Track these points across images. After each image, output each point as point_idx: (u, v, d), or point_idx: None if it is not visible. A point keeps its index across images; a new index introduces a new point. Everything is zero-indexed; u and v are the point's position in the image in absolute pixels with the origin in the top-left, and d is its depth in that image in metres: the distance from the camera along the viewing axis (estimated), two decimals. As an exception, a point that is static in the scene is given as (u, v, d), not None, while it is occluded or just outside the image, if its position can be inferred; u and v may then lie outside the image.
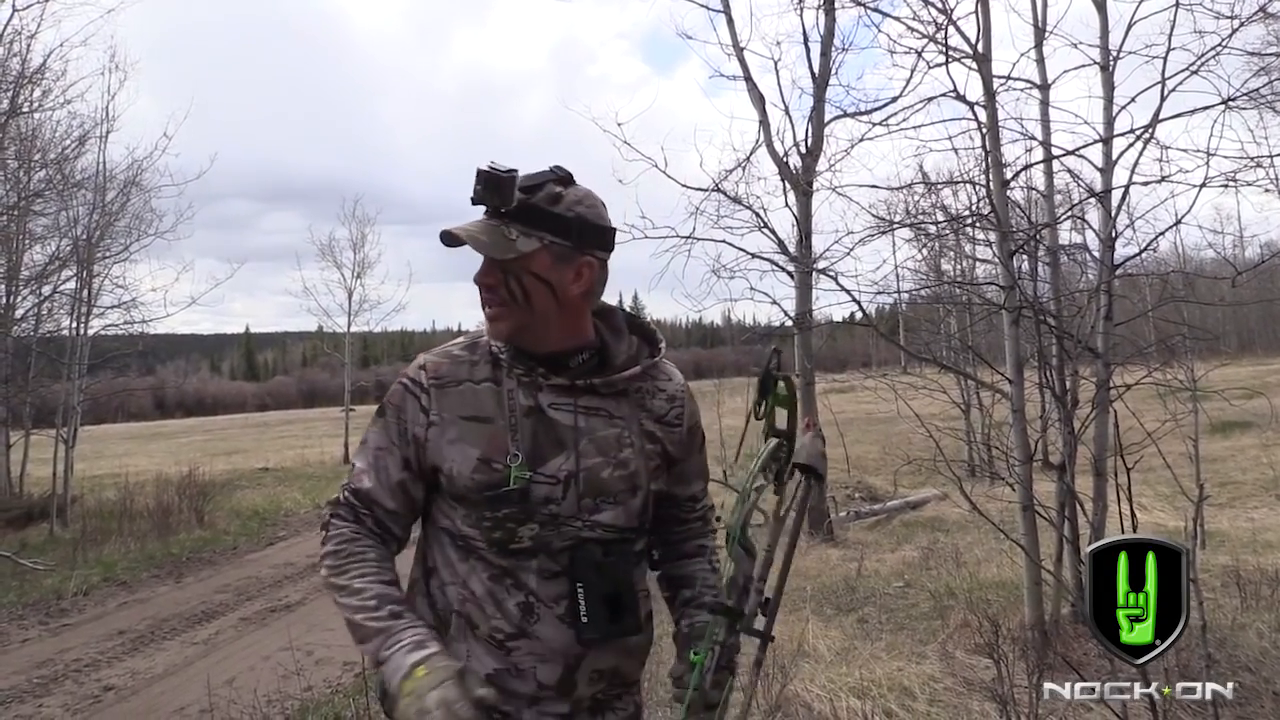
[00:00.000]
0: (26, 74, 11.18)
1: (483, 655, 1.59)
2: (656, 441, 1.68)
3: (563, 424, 1.60)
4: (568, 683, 1.59)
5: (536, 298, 1.56)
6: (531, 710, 1.59)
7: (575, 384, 1.60)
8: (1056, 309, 5.53)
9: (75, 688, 5.71)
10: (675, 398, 1.73)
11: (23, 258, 14.58)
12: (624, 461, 1.63)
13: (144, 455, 27.14)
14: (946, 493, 11.19)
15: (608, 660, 1.62)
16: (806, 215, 9.52)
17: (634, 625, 1.60)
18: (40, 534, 12.38)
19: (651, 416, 1.68)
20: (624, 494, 1.63)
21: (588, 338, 1.65)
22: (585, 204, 1.58)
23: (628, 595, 1.60)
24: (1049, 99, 5.79)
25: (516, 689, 1.58)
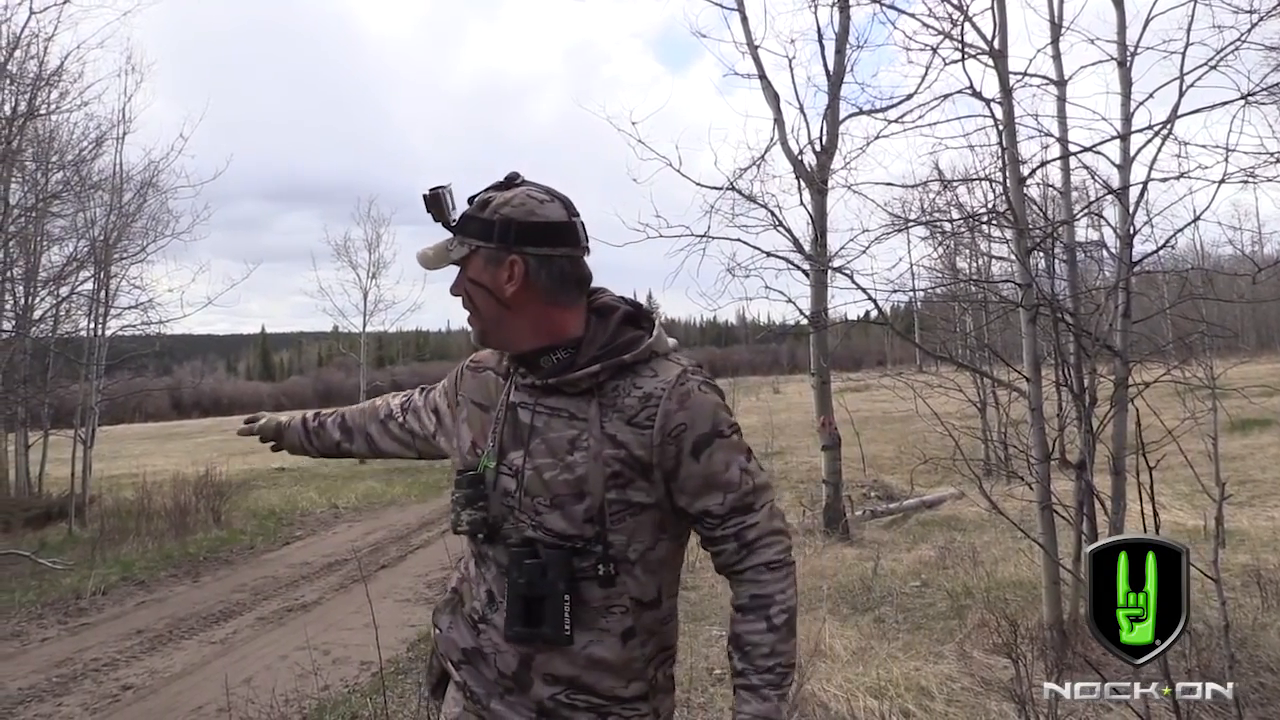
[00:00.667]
0: (44, 76, 11.26)
1: (463, 630, 1.72)
2: (619, 446, 1.58)
3: (523, 422, 1.65)
4: (524, 678, 1.63)
5: (479, 301, 1.64)
6: (502, 702, 1.65)
7: (536, 384, 1.63)
8: (1074, 306, 5.50)
9: (94, 687, 5.75)
10: (650, 397, 1.59)
11: (41, 259, 14.69)
12: (571, 465, 1.58)
13: (161, 455, 27.30)
14: (963, 491, 11.14)
15: (561, 666, 1.61)
16: (822, 213, 9.50)
17: (554, 635, 1.56)
18: (59, 533, 12.47)
19: (622, 417, 1.59)
20: (568, 499, 1.58)
21: (563, 336, 1.64)
22: (513, 204, 1.60)
23: (550, 601, 1.56)
24: (1066, 95, 5.74)
25: (484, 672, 1.67)
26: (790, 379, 42.58)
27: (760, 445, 17.67)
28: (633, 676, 1.64)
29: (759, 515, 1.64)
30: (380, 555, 10.10)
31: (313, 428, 2.18)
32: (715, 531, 1.64)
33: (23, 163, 12.40)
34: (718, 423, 1.62)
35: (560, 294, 1.63)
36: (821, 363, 9.90)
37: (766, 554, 1.63)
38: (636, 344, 1.63)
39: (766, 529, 1.65)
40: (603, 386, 1.60)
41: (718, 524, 1.64)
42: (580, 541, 1.58)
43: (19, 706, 5.40)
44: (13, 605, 7.96)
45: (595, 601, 1.59)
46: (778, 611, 1.61)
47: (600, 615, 1.60)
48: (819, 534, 9.38)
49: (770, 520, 1.66)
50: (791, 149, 9.65)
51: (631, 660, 1.63)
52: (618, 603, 1.61)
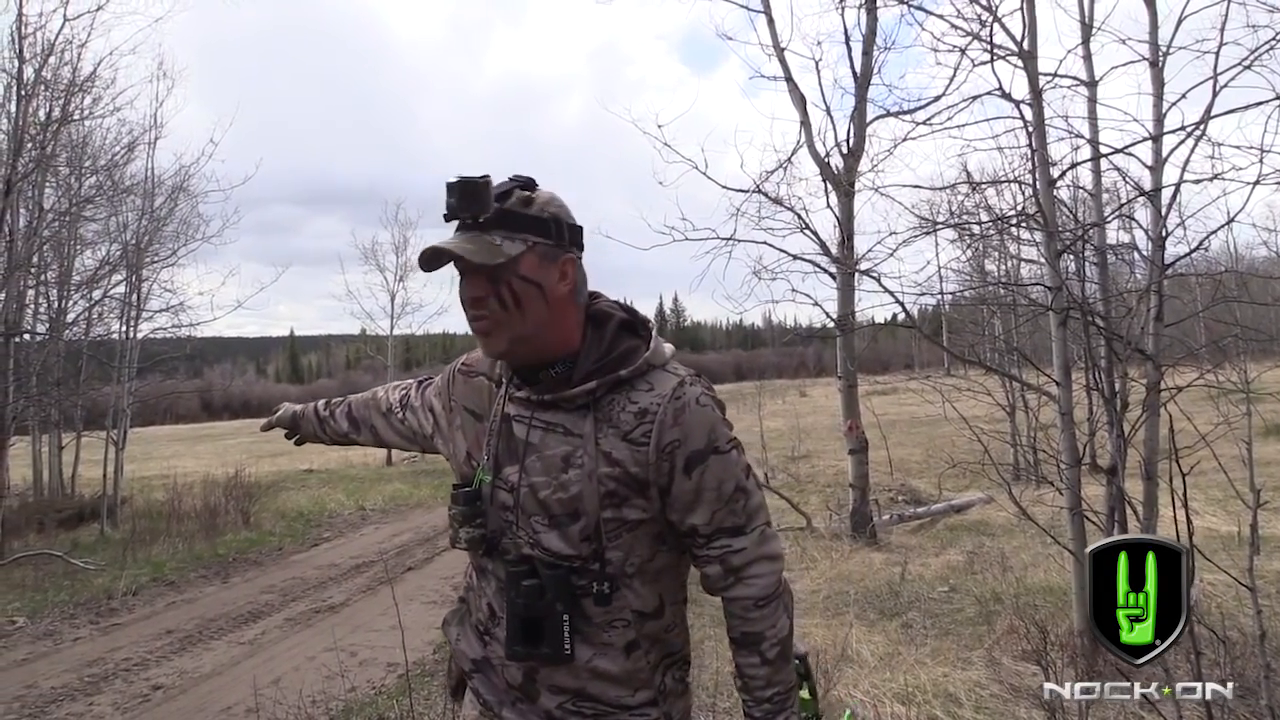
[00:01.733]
0: (77, 82, 11.39)
1: (471, 640, 1.73)
2: (615, 463, 1.52)
3: (518, 437, 1.61)
4: (530, 689, 1.62)
5: (527, 302, 1.53)
6: (513, 710, 1.65)
7: (531, 398, 1.59)
8: (1105, 310, 5.44)
9: (125, 686, 5.80)
10: (646, 412, 1.53)
11: (74, 263, 14.89)
12: (565, 483, 1.54)
13: (191, 457, 27.56)
14: (992, 496, 11.06)
15: (565, 680, 1.60)
16: (849, 216, 9.47)
17: (554, 655, 1.55)
18: (91, 534, 12.62)
19: (618, 433, 1.53)
20: (563, 518, 1.54)
21: (571, 346, 1.59)
22: (555, 204, 1.58)
23: (549, 622, 1.54)
24: (1096, 96, 5.70)
25: (494, 681, 1.67)
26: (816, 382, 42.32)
27: (786, 448, 17.66)
28: (639, 685, 1.62)
29: (748, 539, 1.59)
30: (407, 557, 10.14)
31: (324, 416, 2.17)
32: (701, 550, 1.60)
33: (57, 168, 12.57)
34: (714, 439, 1.56)
35: (582, 297, 1.62)
36: (848, 366, 9.86)
37: (754, 586, 1.59)
38: (633, 357, 1.57)
39: (755, 555, 1.59)
40: (599, 401, 1.55)
41: (704, 542, 1.59)
42: (578, 560, 1.55)
43: (51, 705, 5.46)
44: (46, 605, 8.06)
45: (596, 618, 1.57)
46: (769, 646, 1.60)
47: (602, 630, 1.58)
48: (846, 538, 9.34)
49: (760, 545, 1.60)
50: (818, 151, 9.63)
51: (636, 671, 1.61)
52: (619, 617, 1.58)
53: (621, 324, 1.64)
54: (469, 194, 1.50)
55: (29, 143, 10.76)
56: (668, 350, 1.63)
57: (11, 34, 10.30)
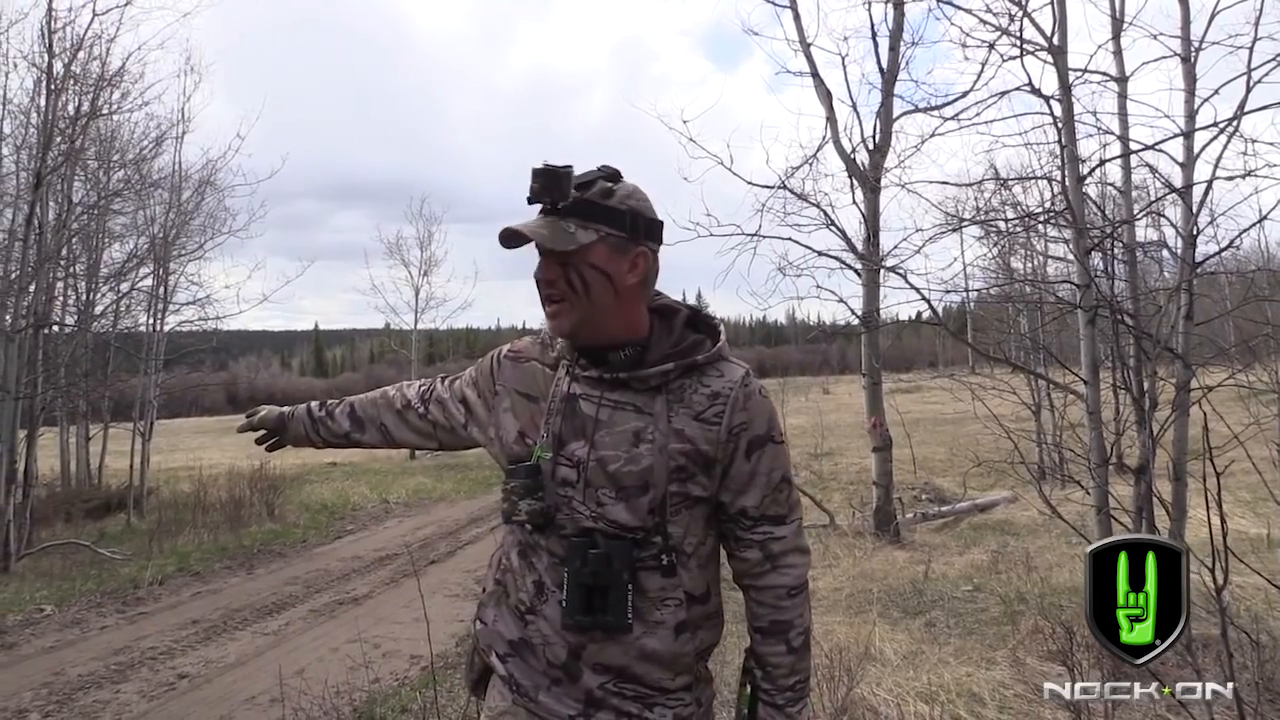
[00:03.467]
0: (106, 77, 11.48)
1: (509, 621, 1.74)
2: (686, 440, 1.61)
3: (586, 414, 1.66)
4: (573, 668, 1.65)
5: (596, 289, 1.61)
6: (549, 694, 1.67)
7: (603, 377, 1.65)
8: (1134, 308, 5.39)
9: (151, 675, 5.85)
10: (719, 395, 1.63)
11: (102, 255, 15.04)
12: (637, 456, 1.60)
13: (216, 449, 27.76)
14: (1017, 495, 10.98)
15: (612, 656, 1.63)
16: (874, 212, 9.41)
17: (617, 623, 1.59)
18: (118, 524, 12.75)
19: (690, 413, 1.62)
20: (633, 490, 1.60)
21: (640, 332, 1.68)
22: (636, 198, 1.64)
23: (615, 590, 1.58)
24: (1127, 92, 5.63)
25: (532, 663, 1.69)
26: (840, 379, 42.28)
27: (810, 446, 17.59)
28: (681, 670, 1.66)
29: (787, 529, 1.70)
30: (430, 550, 10.19)
31: (319, 417, 2.07)
32: (745, 534, 1.68)
33: (85, 162, 12.68)
34: (771, 428, 1.67)
35: (650, 290, 1.70)
36: (873, 363, 9.81)
37: (788, 576, 1.68)
38: (703, 347, 1.67)
39: (792, 545, 1.69)
40: (670, 384, 1.63)
41: (750, 525, 1.67)
42: (641, 533, 1.60)
43: (79, 692, 5.52)
44: (73, 593, 8.15)
45: (653, 592, 1.62)
46: (796, 635, 1.68)
47: (655, 607, 1.62)
48: (869, 536, 9.29)
49: (797, 537, 1.71)
50: (844, 147, 9.58)
51: (682, 654, 1.65)
52: (673, 595, 1.63)
53: (687, 319, 1.74)
54: (550, 181, 1.59)
55: (58, 136, 10.85)
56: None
57: (41, 28, 10.39)
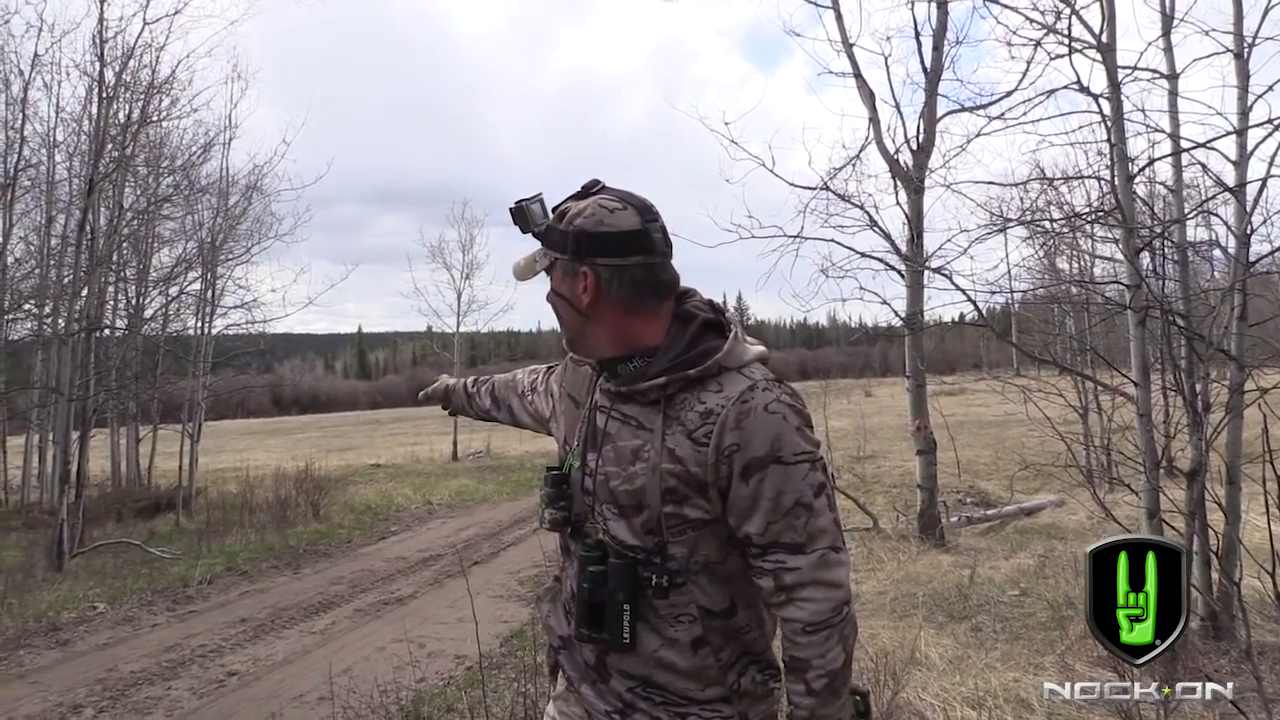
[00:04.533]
0: (155, 84, 11.70)
1: (560, 617, 1.76)
2: (677, 460, 1.53)
3: (598, 426, 1.66)
4: (602, 671, 1.66)
5: (560, 310, 1.66)
6: (592, 689, 1.69)
7: (612, 390, 1.65)
8: (1185, 309, 5.29)
9: (201, 672, 5.95)
10: (711, 414, 1.52)
11: (151, 260, 15.32)
12: (632, 476, 1.57)
13: (262, 450, 28.14)
14: (1064, 499, 10.83)
15: (632, 666, 1.62)
16: (918, 213, 9.33)
17: (612, 641, 1.58)
18: (167, 524, 12.97)
19: (683, 431, 1.53)
20: (629, 509, 1.58)
21: (641, 344, 1.61)
22: (585, 215, 1.58)
23: (610, 609, 1.57)
24: (1177, 89, 5.54)
25: (575, 659, 1.72)
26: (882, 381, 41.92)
27: (852, 448, 17.48)
28: (709, 682, 1.60)
29: (805, 560, 1.51)
30: (473, 552, 10.25)
31: (471, 393, 2.32)
32: (756, 561, 1.55)
33: (136, 168, 12.92)
34: (777, 447, 1.50)
35: (636, 303, 1.59)
36: (917, 365, 9.72)
37: (805, 610, 1.51)
38: (706, 357, 1.56)
39: (809, 577, 1.51)
40: (671, 398, 1.56)
41: (759, 553, 1.54)
42: (642, 552, 1.57)
43: (131, 688, 5.62)
44: (125, 591, 8.30)
45: (661, 609, 1.58)
46: (815, 677, 1.52)
47: (668, 624, 1.58)
48: (913, 539, 9.21)
49: (818, 570, 1.52)
50: (887, 148, 9.50)
51: (705, 667, 1.59)
52: (684, 612, 1.58)
53: (705, 324, 1.62)
54: (515, 217, 1.67)
55: (110, 144, 11.08)
56: (752, 352, 1.60)
57: (93, 38, 10.60)
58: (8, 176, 12.82)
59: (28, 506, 14.16)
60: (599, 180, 1.65)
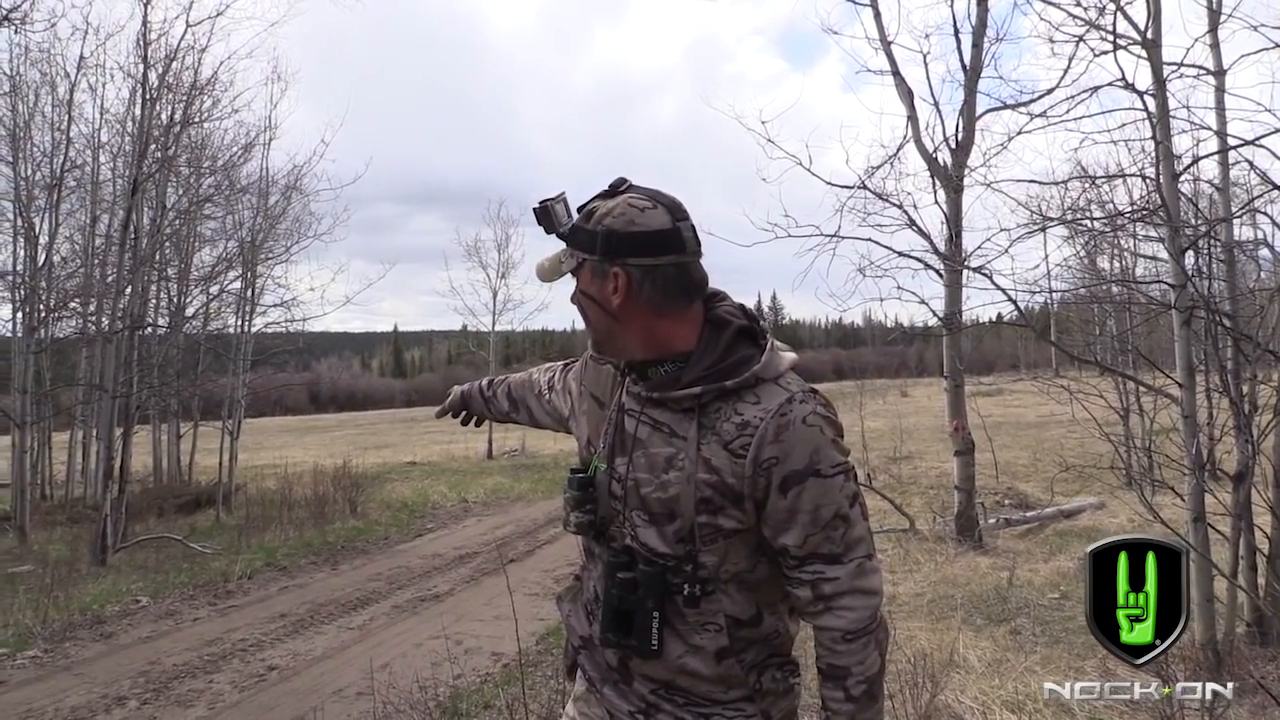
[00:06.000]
0: (198, 86, 11.86)
1: (581, 617, 1.76)
2: (713, 471, 1.51)
3: (628, 430, 1.63)
4: (625, 674, 1.66)
5: (589, 312, 1.62)
6: (614, 689, 1.68)
7: (642, 394, 1.61)
8: (1232, 309, 5.21)
9: (242, 666, 6.03)
10: (748, 425, 1.50)
11: (193, 259, 15.53)
12: (665, 484, 1.55)
13: (300, 448, 28.41)
14: (1104, 501, 10.69)
15: (655, 671, 1.62)
16: (957, 212, 9.25)
17: (641, 647, 1.57)
18: (207, 519, 13.16)
19: (719, 442, 1.52)
20: (661, 517, 1.56)
21: (674, 348, 1.58)
22: (614, 214, 1.55)
23: (639, 618, 1.56)
24: (1224, 85, 5.44)
25: (597, 660, 1.71)
26: (918, 382, 41.54)
27: (888, 449, 17.36)
28: (731, 685, 1.60)
29: (843, 569, 1.53)
30: (508, 550, 10.29)
31: (488, 396, 2.30)
32: (793, 572, 1.55)
33: (178, 168, 13.09)
34: (816, 460, 1.50)
35: (667, 304, 1.57)
36: (956, 365, 9.64)
37: (844, 619, 1.52)
38: (743, 367, 1.54)
39: (848, 586, 1.53)
40: (705, 407, 1.54)
41: (796, 565, 1.54)
42: (672, 560, 1.56)
43: (174, 681, 5.71)
44: (167, 586, 8.43)
45: (689, 617, 1.57)
46: (855, 683, 1.53)
47: (694, 631, 1.58)
48: (950, 541, 9.13)
49: (856, 578, 1.53)
50: (926, 146, 9.43)
51: (729, 674, 1.59)
52: (712, 621, 1.57)
53: (739, 331, 1.60)
54: (540, 217, 1.62)
55: (153, 144, 11.23)
56: (786, 361, 1.59)
57: (137, 40, 10.76)
58: (54, 177, 13.06)
59: (72, 502, 14.43)
60: (626, 178, 1.62)
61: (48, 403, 14.35)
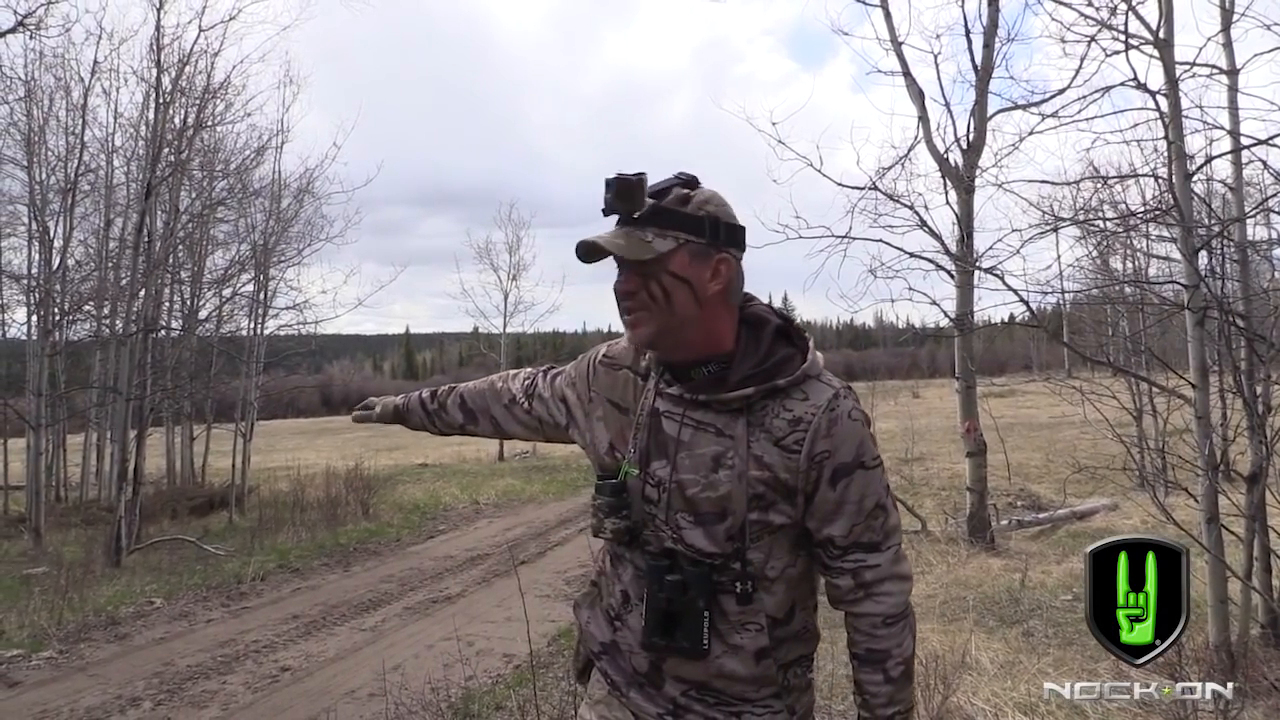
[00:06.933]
0: (210, 90, 11.92)
1: (601, 623, 1.76)
2: (765, 468, 1.54)
3: (668, 433, 1.62)
4: (655, 678, 1.65)
5: (677, 298, 1.56)
6: (640, 693, 1.68)
7: (684, 396, 1.60)
8: (1246, 309, 5.18)
9: (255, 667, 6.05)
10: (801, 421, 1.54)
11: (206, 262, 15.61)
12: (715, 483, 1.56)
13: (312, 450, 28.48)
14: (1117, 502, 10.65)
15: (692, 673, 1.62)
16: (968, 213, 9.23)
17: (692, 649, 1.57)
18: (220, 521, 13.22)
19: (770, 439, 1.55)
20: (710, 516, 1.56)
21: (723, 347, 1.61)
22: (714, 203, 1.58)
23: (689, 617, 1.56)
24: (1237, 85, 5.42)
25: (621, 665, 1.70)
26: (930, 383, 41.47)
27: (900, 450, 17.32)
28: (764, 684, 1.63)
29: (883, 557, 1.60)
30: (520, 551, 10.29)
31: (433, 410, 2.13)
32: (835, 562, 1.60)
33: (191, 172, 13.15)
34: (861, 453, 1.57)
35: (737, 299, 1.63)
36: (968, 366, 9.62)
37: (884, 604, 1.59)
38: (790, 366, 1.58)
39: (887, 573, 1.59)
40: (752, 406, 1.57)
41: (839, 555, 1.59)
42: (719, 558, 1.57)
43: (188, 682, 5.73)
44: (180, 587, 8.47)
45: (733, 616, 1.58)
46: (894, 665, 1.60)
47: (735, 631, 1.59)
48: (962, 542, 9.11)
49: (894, 565, 1.60)
50: (937, 147, 9.41)
51: (765, 674, 1.62)
52: (753, 620, 1.59)
53: (778, 330, 1.65)
54: (625, 190, 1.54)
55: (166, 148, 11.29)
56: (821, 360, 1.63)
57: (151, 44, 10.83)
58: (68, 181, 13.14)
59: (86, 504, 14.50)
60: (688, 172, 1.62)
61: (62, 405, 14.44)
